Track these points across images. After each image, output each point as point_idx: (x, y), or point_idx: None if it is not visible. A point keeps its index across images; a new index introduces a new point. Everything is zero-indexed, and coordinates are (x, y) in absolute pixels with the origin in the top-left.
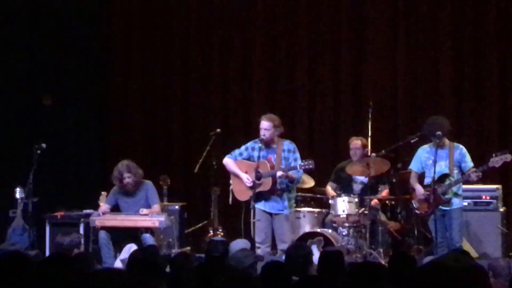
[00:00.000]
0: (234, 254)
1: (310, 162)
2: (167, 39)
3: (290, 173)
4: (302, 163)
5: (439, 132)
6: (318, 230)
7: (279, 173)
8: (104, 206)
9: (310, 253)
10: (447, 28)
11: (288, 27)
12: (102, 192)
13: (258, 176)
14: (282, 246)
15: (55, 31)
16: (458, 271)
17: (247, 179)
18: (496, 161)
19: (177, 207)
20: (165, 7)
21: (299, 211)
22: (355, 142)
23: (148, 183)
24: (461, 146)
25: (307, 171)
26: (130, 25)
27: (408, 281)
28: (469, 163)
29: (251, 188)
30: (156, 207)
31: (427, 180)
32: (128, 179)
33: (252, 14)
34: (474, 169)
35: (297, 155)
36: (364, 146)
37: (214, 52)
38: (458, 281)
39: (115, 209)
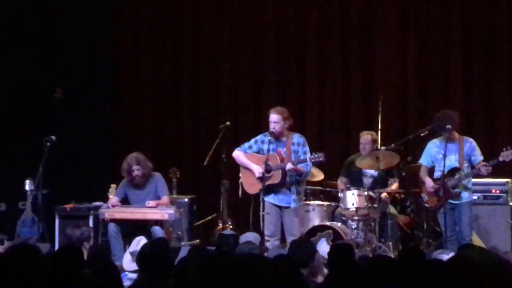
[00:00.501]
0: (239, 247)
1: (320, 155)
2: (178, 31)
3: (299, 166)
4: (312, 156)
5: (449, 126)
6: (328, 223)
7: (288, 166)
8: (113, 198)
9: (314, 251)
10: (458, 22)
11: (298, 21)
12: (112, 185)
13: (268, 169)
14: (291, 239)
15: (65, 24)
16: (486, 268)
17: (258, 169)
18: (507, 155)
19: (186, 199)
20: (175, 0)
21: (309, 204)
22: (366, 137)
23: (158, 175)
24: (471, 139)
25: (317, 164)
26: (140, 17)
27: (418, 275)
28: (478, 156)
29: (260, 179)
30: (165, 198)
31: (437, 174)
32: (137, 171)
33: (262, 7)
34: (484, 163)
35: (307, 148)
36: (374, 141)
37: (224, 44)
38: (486, 277)
39: (124, 201)
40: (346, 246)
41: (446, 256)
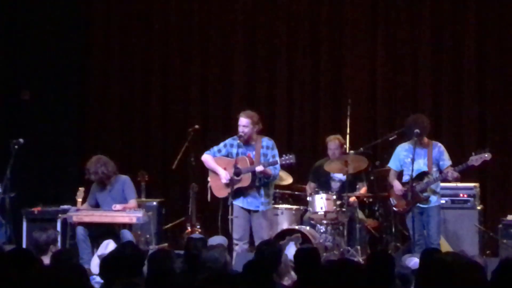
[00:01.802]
0: (207, 254)
1: (291, 156)
2: (147, 34)
3: (267, 168)
4: (283, 158)
5: (417, 130)
6: (296, 227)
7: (258, 168)
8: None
9: (280, 250)
10: (426, 26)
11: (267, 25)
12: (80, 188)
13: (237, 172)
14: None
15: (33, 25)
16: (458, 267)
17: (225, 175)
18: (476, 159)
19: (155, 203)
20: (145, 1)
21: (277, 208)
22: (334, 142)
23: (125, 178)
24: (439, 144)
25: (288, 166)
26: (109, 19)
27: (386, 279)
28: (447, 161)
29: (227, 185)
30: (133, 202)
31: (405, 178)
32: (99, 170)
33: (231, 10)
34: (452, 168)
35: (276, 151)
36: (342, 145)
37: (193, 48)
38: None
39: (96, 206)
40: (312, 249)
41: (414, 260)
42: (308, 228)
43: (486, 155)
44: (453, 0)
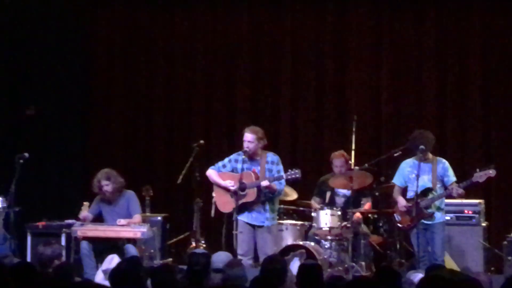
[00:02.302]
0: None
1: (296, 171)
2: (151, 49)
3: (273, 183)
4: (289, 173)
5: (422, 146)
6: (301, 242)
7: (264, 183)
8: (83, 213)
9: (285, 266)
10: (431, 43)
11: (272, 38)
12: (84, 203)
13: (242, 187)
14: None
15: (38, 40)
16: (455, 284)
17: (229, 183)
18: (480, 176)
19: (159, 218)
20: (149, 15)
21: (282, 224)
22: (339, 160)
23: (130, 193)
24: (444, 160)
25: (294, 181)
26: (113, 35)
27: None
28: (451, 177)
29: (235, 193)
30: (137, 217)
31: (410, 194)
32: (106, 186)
33: (237, 28)
34: (457, 184)
35: (281, 167)
36: (347, 161)
37: (197, 63)
38: None
39: (99, 217)
40: (314, 266)
41: (419, 276)
42: (312, 244)
43: (490, 172)
44: (458, 18)
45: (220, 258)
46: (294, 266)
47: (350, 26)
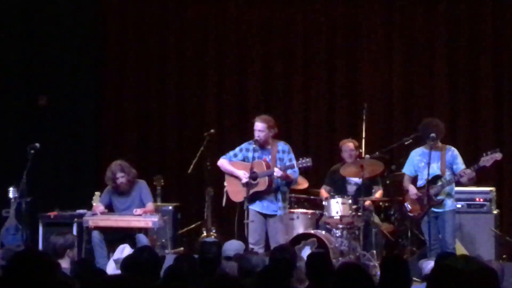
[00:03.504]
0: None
1: (307, 160)
2: (162, 40)
3: (288, 172)
4: (300, 161)
5: (433, 134)
6: (312, 231)
7: (277, 173)
8: (99, 206)
9: (295, 255)
10: (442, 30)
11: (283, 28)
12: (96, 193)
13: (254, 176)
14: None
15: (51, 30)
16: (469, 273)
17: (244, 174)
18: (487, 160)
19: (170, 207)
20: (161, 8)
21: (293, 212)
22: (349, 145)
23: (142, 182)
24: (453, 148)
25: (305, 169)
26: (126, 26)
27: (401, 284)
28: (460, 165)
29: (247, 184)
30: (150, 205)
31: (420, 183)
32: (121, 178)
33: (248, 18)
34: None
35: (292, 155)
36: (357, 148)
37: (209, 53)
38: (469, 282)
39: (108, 208)
40: (322, 254)
41: (431, 264)
42: (323, 232)
43: (497, 155)
44: (469, 7)
45: (233, 246)
46: (306, 254)
47: (362, 15)
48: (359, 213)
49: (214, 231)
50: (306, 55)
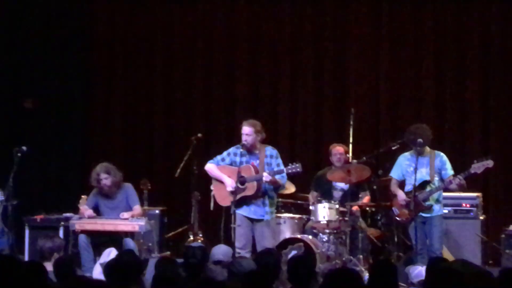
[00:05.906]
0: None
1: (297, 165)
2: (150, 43)
3: (277, 177)
4: (289, 167)
5: (420, 140)
6: (299, 236)
7: (265, 177)
8: (88, 210)
9: (279, 259)
10: (430, 34)
11: (271, 33)
12: (82, 196)
13: (242, 181)
14: None
15: (37, 33)
16: (468, 275)
17: (231, 183)
18: (478, 167)
19: (157, 211)
20: (148, 10)
21: (280, 217)
22: (338, 148)
23: (128, 185)
24: (441, 154)
25: (294, 175)
26: (113, 28)
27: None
28: (449, 170)
29: (232, 193)
30: (138, 207)
31: (408, 187)
32: (105, 180)
33: (236, 20)
34: (455, 176)
35: (280, 160)
36: (346, 152)
37: (197, 57)
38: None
39: (95, 211)
40: (302, 257)
41: (418, 269)
42: (310, 237)
43: (488, 163)
44: (456, 8)
45: (221, 250)
46: None
47: (349, 20)
48: (346, 218)
49: (200, 235)
50: (294, 60)
